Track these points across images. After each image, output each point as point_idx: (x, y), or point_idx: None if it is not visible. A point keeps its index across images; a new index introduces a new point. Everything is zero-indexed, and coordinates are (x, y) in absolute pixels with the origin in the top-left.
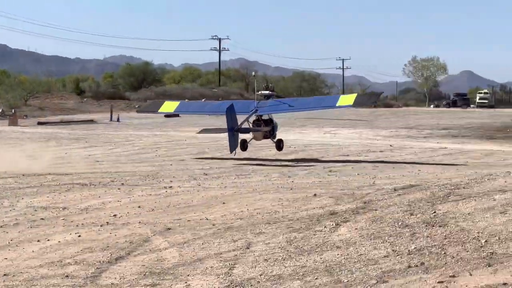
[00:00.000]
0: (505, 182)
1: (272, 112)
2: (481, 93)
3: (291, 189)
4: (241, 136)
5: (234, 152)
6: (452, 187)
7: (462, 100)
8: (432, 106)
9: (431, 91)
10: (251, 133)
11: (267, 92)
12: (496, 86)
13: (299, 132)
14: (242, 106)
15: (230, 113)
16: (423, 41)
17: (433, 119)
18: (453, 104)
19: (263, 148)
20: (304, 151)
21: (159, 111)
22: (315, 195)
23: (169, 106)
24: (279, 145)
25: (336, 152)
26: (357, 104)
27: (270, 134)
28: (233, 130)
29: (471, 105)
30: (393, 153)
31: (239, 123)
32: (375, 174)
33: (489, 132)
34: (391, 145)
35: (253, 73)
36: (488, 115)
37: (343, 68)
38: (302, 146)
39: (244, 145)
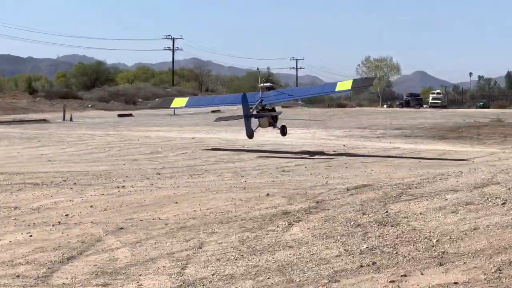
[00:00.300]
0: (457, 182)
1: (275, 101)
2: (434, 93)
3: (244, 188)
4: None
5: (250, 135)
6: (404, 187)
7: (415, 100)
8: (385, 106)
9: (384, 91)
10: (258, 121)
11: (268, 84)
12: (449, 87)
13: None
14: (249, 97)
15: (245, 102)
16: (376, 42)
17: (386, 119)
18: (406, 104)
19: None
20: (257, 151)
21: (171, 106)
22: (268, 194)
23: (180, 102)
24: (283, 130)
25: (289, 151)
26: (354, 88)
27: (274, 121)
28: (247, 116)
29: (424, 105)
30: (347, 153)
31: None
32: (328, 174)
33: (441, 132)
34: (344, 145)
35: (257, 67)
36: (440, 115)
37: (296, 68)
38: (255, 145)
39: (251, 133)
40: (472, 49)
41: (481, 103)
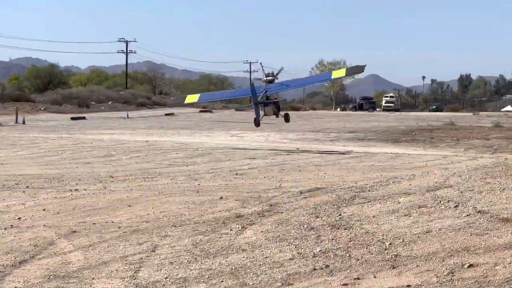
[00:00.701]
0: (410, 185)
1: (276, 91)
2: (387, 96)
3: (197, 192)
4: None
5: (259, 121)
6: (358, 190)
7: (369, 104)
8: (338, 109)
9: (337, 94)
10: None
11: (270, 78)
12: (402, 90)
13: (206, 135)
14: (256, 88)
15: (253, 93)
16: (330, 45)
17: (339, 123)
18: (360, 107)
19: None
20: (210, 154)
21: (185, 102)
22: (221, 198)
23: (192, 98)
24: (287, 117)
25: (242, 155)
26: (348, 75)
27: (278, 110)
28: (257, 104)
29: (377, 109)
30: (300, 156)
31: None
32: (281, 177)
33: (394, 135)
34: (297, 148)
35: (260, 62)
36: (394, 118)
37: (250, 71)
38: (209, 149)
39: (259, 122)
40: (426, 53)
41: (434, 107)
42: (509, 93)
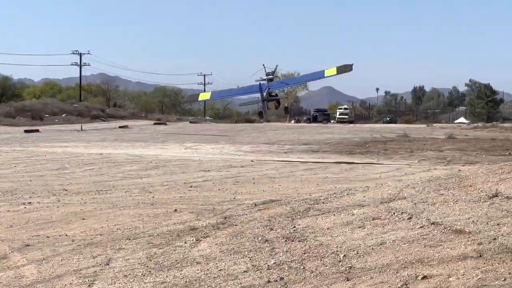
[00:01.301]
0: (364, 197)
1: (278, 88)
2: (341, 108)
3: (151, 204)
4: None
5: (265, 116)
6: (312, 202)
7: (323, 116)
8: (293, 121)
9: (292, 106)
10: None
11: (270, 77)
12: (356, 102)
13: (160, 148)
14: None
15: (261, 90)
16: (284, 56)
17: (293, 135)
18: (314, 119)
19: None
20: (165, 166)
21: (199, 99)
22: (175, 210)
23: (205, 95)
24: (286, 110)
25: (197, 168)
26: (339, 72)
27: (278, 105)
28: (264, 100)
29: (332, 121)
30: (254, 168)
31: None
32: (235, 189)
33: (348, 147)
34: (252, 160)
35: (263, 63)
36: (348, 130)
37: (204, 84)
38: (163, 161)
39: (262, 115)
40: (380, 65)
41: (387, 118)
42: (462, 104)
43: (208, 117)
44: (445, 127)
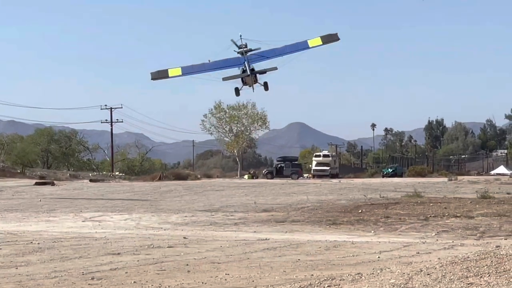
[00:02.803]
0: None
1: (258, 62)
2: (319, 155)
3: None
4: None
5: (240, 90)
6: None
7: (291, 167)
8: (246, 176)
9: (245, 153)
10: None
11: (247, 48)
12: (342, 146)
13: (46, 220)
14: (237, 60)
15: (242, 62)
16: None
17: (248, 196)
18: (278, 172)
19: None
20: (52, 248)
21: (170, 76)
22: None
23: (175, 71)
24: (266, 86)
25: (101, 250)
26: (324, 42)
27: (256, 80)
28: (250, 74)
29: (305, 174)
30: (189, 249)
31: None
32: (160, 281)
33: (331, 214)
34: (185, 237)
35: (231, 39)
36: (330, 189)
37: (111, 122)
38: (50, 241)
39: (238, 92)
40: (376, 90)
41: (389, 170)
42: (501, 147)
43: (117, 173)
44: (477, 181)
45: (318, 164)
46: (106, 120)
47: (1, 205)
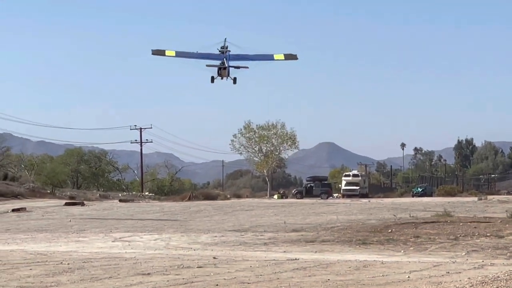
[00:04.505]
0: None
1: (235, 59)
2: (348, 175)
3: None
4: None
5: (215, 79)
6: None
7: (321, 187)
8: (276, 196)
9: (274, 173)
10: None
11: (226, 49)
12: (371, 165)
13: (75, 240)
14: (218, 56)
15: (222, 57)
16: (260, 103)
17: (277, 216)
18: (307, 192)
19: None
20: (82, 269)
21: (166, 54)
22: None
23: (171, 52)
24: (235, 80)
25: (131, 270)
26: (286, 59)
27: (228, 74)
28: (229, 66)
29: (334, 194)
30: (218, 270)
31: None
32: None
33: (361, 234)
34: (215, 257)
35: (225, 38)
36: (359, 208)
37: (141, 142)
38: (79, 261)
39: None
40: (405, 110)
41: (419, 189)
42: None
43: (147, 193)
44: (507, 201)
45: (348, 183)
46: (136, 140)
47: (31, 226)
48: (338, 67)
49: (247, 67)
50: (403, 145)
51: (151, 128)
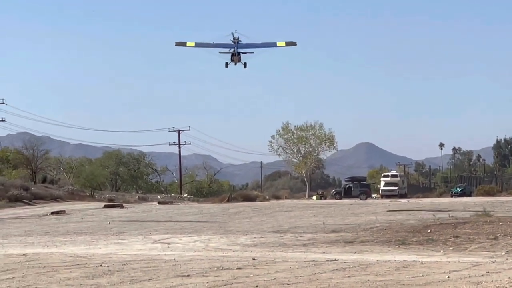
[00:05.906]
0: None
1: (241, 48)
2: (387, 175)
3: None
4: None
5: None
6: None
7: (360, 187)
8: (314, 197)
9: (312, 174)
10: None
11: (238, 39)
12: (410, 165)
13: (115, 243)
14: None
15: (234, 45)
16: (299, 104)
17: (316, 217)
18: (346, 193)
19: None
20: (122, 271)
21: (187, 45)
22: None
23: (191, 43)
24: (245, 65)
25: (171, 272)
26: (287, 45)
27: (240, 59)
28: (237, 52)
29: (373, 195)
30: (258, 271)
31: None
32: None
33: (400, 235)
34: (254, 259)
35: (231, 32)
36: (398, 209)
37: (179, 144)
38: (119, 263)
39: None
40: (442, 110)
41: (458, 189)
42: None
43: (186, 195)
44: None
45: (387, 184)
46: (174, 142)
47: (71, 228)
48: (378, 68)
49: (253, 52)
50: (441, 145)
51: (189, 130)
